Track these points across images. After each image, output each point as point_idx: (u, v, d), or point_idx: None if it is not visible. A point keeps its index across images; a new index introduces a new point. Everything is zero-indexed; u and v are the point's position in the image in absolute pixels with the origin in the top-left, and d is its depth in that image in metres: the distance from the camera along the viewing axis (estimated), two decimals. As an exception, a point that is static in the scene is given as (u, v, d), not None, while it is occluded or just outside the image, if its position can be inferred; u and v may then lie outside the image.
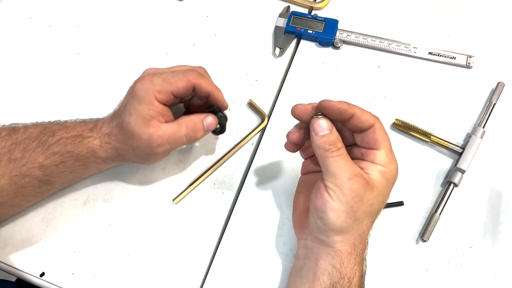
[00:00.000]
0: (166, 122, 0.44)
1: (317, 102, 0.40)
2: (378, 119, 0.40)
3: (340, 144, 0.39)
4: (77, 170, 0.47)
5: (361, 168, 0.39)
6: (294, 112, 0.41)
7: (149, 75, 0.44)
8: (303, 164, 0.47)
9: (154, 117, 0.43)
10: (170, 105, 0.45)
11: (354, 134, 0.41)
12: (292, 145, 0.43)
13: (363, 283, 0.42)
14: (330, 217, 0.38)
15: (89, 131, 0.46)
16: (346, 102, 0.39)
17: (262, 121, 0.55)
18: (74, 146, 0.45)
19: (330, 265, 0.39)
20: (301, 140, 0.42)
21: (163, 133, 0.43)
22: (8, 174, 0.43)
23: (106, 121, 0.46)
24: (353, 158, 0.41)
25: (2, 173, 0.43)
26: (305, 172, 0.47)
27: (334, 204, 0.38)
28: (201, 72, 0.46)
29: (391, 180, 0.40)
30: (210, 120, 0.46)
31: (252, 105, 0.55)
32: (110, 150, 0.46)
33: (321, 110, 0.40)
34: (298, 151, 0.45)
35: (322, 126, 0.39)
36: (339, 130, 0.40)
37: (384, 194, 0.40)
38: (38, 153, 0.44)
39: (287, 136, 0.43)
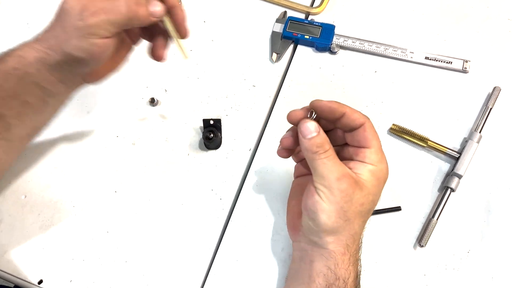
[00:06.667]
0: None
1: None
2: (369, 118, 0.41)
3: (327, 146, 0.39)
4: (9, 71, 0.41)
5: (351, 168, 0.40)
6: (289, 118, 0.42)
7: None
8: (296, 167, 0.48)
9: None
10: None
11: (345, 134, 0.42)
12: (285, 151, 0.44)
13: (359, 283, 0.42)
14: (321, 217, 0.38)
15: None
16: (337, 102, 0.40)
17: None
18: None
19: (325, 266, 0.40)
20: (294, 145, 0.43)
21: (96, 2, 0.39)
22: None
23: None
24: (343, 158, 0.41)
25: None
26: (297, 175, 0.48)
27: (324, 205, 0.38)
28: None
29: (381, 179, 0.41)
30: (155, 2, 0.41)
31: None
32: (41, 42, 0.41)
33: (313, 109, 0.40)
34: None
35: (310, 128, 0.39)
36: (330, 130, 0.42)
37: (374, 193, 0.40)
38: None
39: (281, 141, 0.44)
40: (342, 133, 0.43)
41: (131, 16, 0.39)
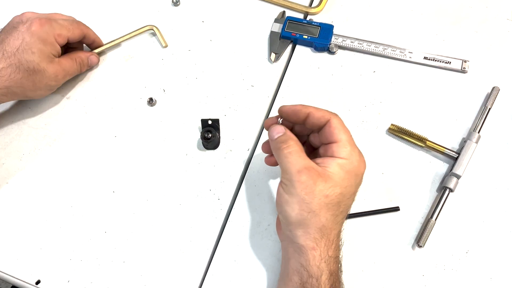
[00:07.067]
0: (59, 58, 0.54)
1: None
2: (336, 115, 0.42)
3: (291, 142, 0.41)
4: None
5: (319, 163, 0.41)
6: (265, 125, 0.45)
7: (44, 19, 0.51)
8: None
9: (55, 56, 0.53)
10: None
11: (318, 135, 0.43)
12: (269, 160, 0.47)
13: (339, 281, 0.41)
14: (285, 209, 0.40)
15: None
16: (301, 104, 0.43)
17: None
18: None
19: (298, 263, 0.40)
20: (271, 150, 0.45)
21: (65, 67, 0.54)
22: None
23: None
24: (317, 157, 0.42)
25: None
26: None
27: (287, 197, 0.40)
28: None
29: (352, 173, 0.40)
30: (93, 58, 0.58)
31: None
32: None
33: (280, 114, 0.44)
34: None
35: (276, 130, 0.43)
36: (306, 135, 0.45)
37: (343, 186, 0.40)
38: None
39: (261, 147, 0.47)
40: (318, 136, 0.44)
41: (79, 72, 0.57)
